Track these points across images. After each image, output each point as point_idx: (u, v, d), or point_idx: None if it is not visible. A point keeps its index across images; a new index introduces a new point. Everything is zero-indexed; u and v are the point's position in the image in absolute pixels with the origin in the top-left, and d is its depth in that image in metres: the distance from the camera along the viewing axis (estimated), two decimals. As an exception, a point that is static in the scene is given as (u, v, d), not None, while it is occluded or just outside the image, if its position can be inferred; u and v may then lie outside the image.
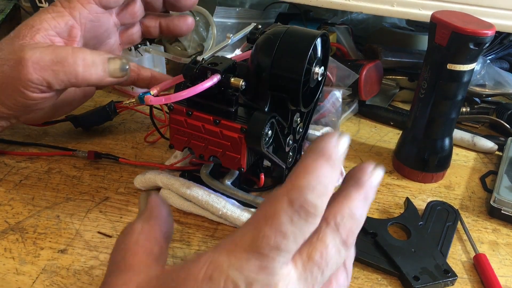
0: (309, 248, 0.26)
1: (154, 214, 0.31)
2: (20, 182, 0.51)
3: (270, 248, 0.24)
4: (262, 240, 0.24)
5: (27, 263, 0.41)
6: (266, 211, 0.25)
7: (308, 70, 0.42)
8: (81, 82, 0.43)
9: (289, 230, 0.24)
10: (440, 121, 0.54)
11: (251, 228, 0.25)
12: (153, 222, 0.30)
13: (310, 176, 0.25)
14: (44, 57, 0.41)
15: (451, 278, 0.42)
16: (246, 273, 0.24)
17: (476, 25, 0.48)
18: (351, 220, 0.27)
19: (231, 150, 0.42)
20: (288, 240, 0.24)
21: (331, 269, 0.26)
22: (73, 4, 0.45)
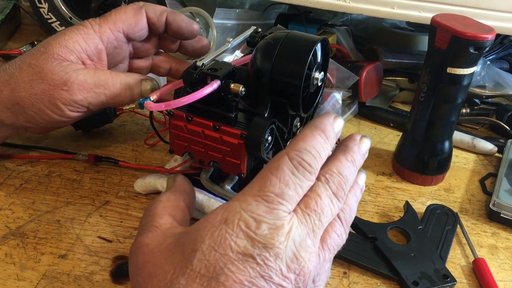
0: (306, 200, 0.31)
1: (180, 189, 0.37)
2: (21, 186, 0.51)
3: (276, 194, 0.29)
4: (269, 187, 0.29)
5: (28, 269, 0.41)
6: (270, 166, 0.30)
7: (308, 75, 0.42)
8: (119, 102, 0.47)
9: (290, 180, 0.30)
10: (440, 124, 0.54)
11: (259, 179, 0.30)
12: (178, 194, 0.37)
13: (306, 143, 0.32)
14: (88, 80, 0.45)
15: (450, 283, 0.42)
16: (256, 214, 0.29)
17: (476, 29, 0.48)
18: (339, 177, 0.32)
19: (231, 156, 0.42)
20: (289, 189, 0.30)
21: (326, 216, 0.31)
22: (103, 29, 0.48)
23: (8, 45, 0.87)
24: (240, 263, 0.28)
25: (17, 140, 0.58)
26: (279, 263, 0.28)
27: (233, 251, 0.28)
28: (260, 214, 0.29)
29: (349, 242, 0.45)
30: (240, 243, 0.28)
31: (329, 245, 0.32)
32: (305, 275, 0.29)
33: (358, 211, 0.51)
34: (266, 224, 0.28)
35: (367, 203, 0.53)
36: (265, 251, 0.28)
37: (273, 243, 0.28)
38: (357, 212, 0.51)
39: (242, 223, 0.28)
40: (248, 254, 0.28)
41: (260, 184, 0.30)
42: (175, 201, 0.36)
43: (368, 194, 0.54)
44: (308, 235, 0.30)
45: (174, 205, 0.35)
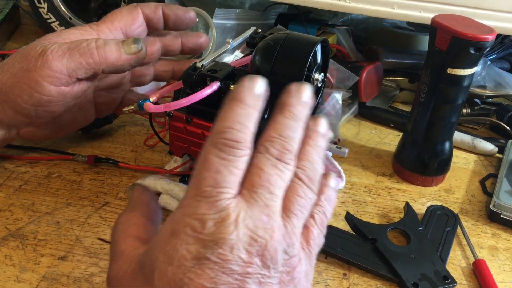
0: (248, 177, 0.29)
1: (137, 202, 0.35)
2: (20, 187, 0.51)
3: (212, 186, 0.28)
4: (203, 182, 0.28)
5: (28, 271, 0.41)
6: (199, 162, 0.29)
7: (308, 76, 0.42)
8: (100, 62, 0.44)
9: (220, 166, 0.28)
10: (440, 125, 0.54)
11: (193, 180, 0.29)
12: (136, 209, 0.34)
13: (225, 120, 0.29)
14: (62, 46, 0.43)
15: (451, 284, 0.42)
16: (199, 215, 0.27)
17: (477, 30, 0.48)
18: (280, 139, 0.30)
19: (230, 157, 0.42)
20: (222, 174, 0.28)
21: (276, 185, 0.29)
22: (101, 28, 0.48)
23: (8, 45, 0.87)
24: (197, 267, 0.27)
25: (16, 141, 0.57)
26: (236, 253, 0.27)
27: (187, 259, 0.27)
28: (202, 213, 0.27)
29: (349, 243, 0.45)
30: (192, 248, 0.27)
31: (294, 210, 0.30)
32: (271, 252, 0.27)
33: (358, 212, 0.51)
34: (211, 221, 0.27)
35: (367, 204, 0.53)
36: (217, 247, 0.27)
37: (223, 237, 0.27)
38: (357, 213, 0.51)
39: (188, 229, 0.27)
40: (202, 257, 0.27)
41: (195, 182, 0.28)
42: (133, 218, 0.34)
43: (368, 195, 0.54)
44: (262, 212, 0.28)
45: (133, 224, 0.33)
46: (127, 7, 0.50)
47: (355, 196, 0.54)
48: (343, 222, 0.49)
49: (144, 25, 0.51)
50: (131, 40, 0.45)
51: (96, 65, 0.44)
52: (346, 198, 0.53)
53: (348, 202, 0.53)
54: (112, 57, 0.44)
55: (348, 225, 0.49)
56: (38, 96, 0.43)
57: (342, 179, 0.54)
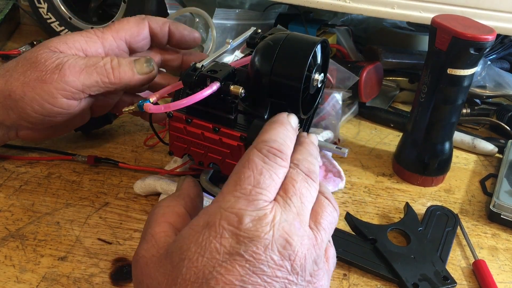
0: (284, 187, 0.31)
1: (183, 193, 0.36)
2: (20, 187, 0.51)
3: (253, 185, 0.29)
4: (244, 180, 0.30)
5: (28, 271, 0.41)
6: (242, 161, 0.31)
7: (307, 77, 0.42)
8: (115, 82, 0.46)
9: (264, 168, 0.30)
10: (440, 125, 0.54)
11: (233, 176, 0.30)
12: (180, 199, 0.35)
13: (270, 134, 0.33)
14: (79, 62, 0.44)
15: (450, 285, 0.42)
16: (236, 209, 0.28)
17: (477, 30, 0.48)
18: (307, 160, 0.34)
19: (230, 158, 0.42)
20: (264, 177, 0.30)
21: (306, 197, 0.31)
22: (106, 36, 0.48)
23: (8, 45, 0.87)
24: (228, 263, 0.27)
25: (16, 141, 0.57)
26: (269, 254, 0.27)
27: (220, 252, 0.27)
28: (240, 208, 0.28)
29: (349, 244, 0.45)
30: (225, 242, 0.27)
31: (323, 224, 0.32)
32: (301, 259, 0.28)
33: (358, 212, 0.51)
34: (248, 217, 0.28)
35: (367, 204, 0.53)
36: (251, 245, 0.27)
37: (258, 235, 0.28)
38: (357, 213, 0.51)
39: (224, 222, 0.28)
40: (235, 253, 0.27)
41: (235, 179, 0.30)
42: (175, 207, 0.34)
43: (368, 195, 0.54)
44: (295, 219, 0.30)
45: (173, 211, 0.34)
46: (135, 18, 0.51)
47: (355, 197, 0.54)
48: (343, 222, 0.49)
49: (148, 39, 0.51)
50: (143, 60, 0.47)
51: (111, 84, 0.46)
52: (346, 199, 0.53)
53: (348, 203, 0.53)
54: (126, 77, 0.46)
55: (348, 226, 0.49)
56: (49, 107, 0.44)
57: (342, 179, 0.54)
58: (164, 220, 0.33)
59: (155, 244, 0.31)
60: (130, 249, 0.44)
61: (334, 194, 0.54)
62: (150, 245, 0.31)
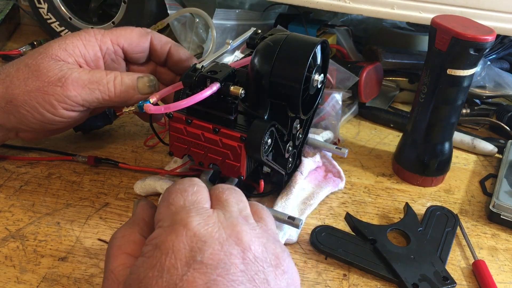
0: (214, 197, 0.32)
1: (137, 219, 0.34)
2: (21, 187, 0.51)
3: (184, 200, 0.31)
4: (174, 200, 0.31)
5: (28, 272, 0.41)
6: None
7: (307, 77, 0.42)
8: (114, 99, 0.46)
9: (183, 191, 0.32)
10: (440, 126, 0.54)
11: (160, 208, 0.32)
12: (134, 226, 0.33)
13: None
14: (82, 77, 0.45)
15: (450, 285, 0.42)
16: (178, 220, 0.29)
17: (476, 30, 0.48)
18: None
19: (230, 158, 0.42)
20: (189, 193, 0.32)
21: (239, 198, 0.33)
22: (105, 39, 0.49)
23: (8, 46, 0.87)
24: (189, 275, 0.26)
25: (16, 142, 0.58)
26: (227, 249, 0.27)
27: (177, 267, 0.26)
28: (182, 218, 0.28)
29: (348, 244, 0.45)
30: (180, 255, 0.27)
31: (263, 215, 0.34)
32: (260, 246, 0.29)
33: (358, 212, 0.51)
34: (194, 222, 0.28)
35: (367, 205, 0.53)
36: (206, 248, 0.27)
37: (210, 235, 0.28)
38: (357, 213, 0.51)
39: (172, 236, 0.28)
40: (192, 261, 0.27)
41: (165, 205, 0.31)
42: (130, 235, 0.33)
43: (368, 196, 0.54)
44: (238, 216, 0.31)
45: (129, 241, 0.32)
46: (139, 30, 0.51)
47: (355, 197, 0.54)
48: (343, 222, 0.50)
49: (146, 53, 0.51)
50: (146, 81, 0.47)
51: (111, 102, 0.46)
52: (346, 199, 0.53)
53: (348, 203, 0.53)
54: (127, 96, 0.47)
55: (348, 226, 0.49)
56: (50, 116, 0.45)
57: (342, 179, 0.54)
58: (121, 252, 0.31)
59: (115, 279, 0.30)
60: (130, 249, 0.44)
61: (334, 194, 0.54)
62: (110, 282, 0.30)
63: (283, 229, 0.45)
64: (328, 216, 0.51)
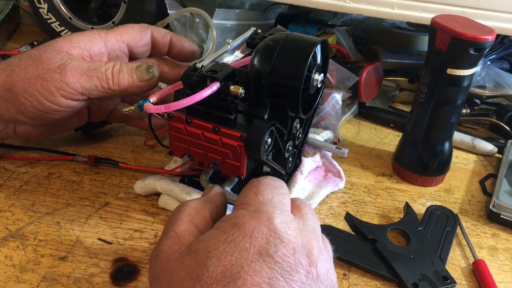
0: (295, 205, 0.34)
1: (210, 199, 0.36)
2: (21, 187, 0.51)
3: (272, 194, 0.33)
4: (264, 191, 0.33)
5: (28, 271, 0.41)
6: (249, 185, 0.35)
7: (307, 77, 0.42)
8: (113, 87, 0.46)
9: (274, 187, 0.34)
10: (440, 126, 0.54)
11: (250, 189, 0.34)
12: (207, 203, 0.36)
13: None
14: (82, 64, 0.45)
15: (450, 284, 0.42)
16: (264, 211, 0.30)
17: (476, 30, 0.48)
18: None
19: (230, 158, 0.42)
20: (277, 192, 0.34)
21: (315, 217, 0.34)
22: (109, 37, 0.50)
23: (8, 46, 0.87)
24: (257, 264, 0.27)
25: (16, 141, 0.58)
26: (298, 257, 0.28)
27: (249, 252, 0.28)
28: (268, 210, 0.30)
29: (348, 244, 0.45)
30: (255, 242, 0.28)
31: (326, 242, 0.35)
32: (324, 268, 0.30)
33: (358, 212, 0.52)
34: (277, 218, 0.29)
35: (367, 204, 0.53)
36: (281, 247, 0.28)
37: (288, 238, 0.29)
38: (357, 213, 0.51)
39: (254, 221, 0.29)
40: (264, 253, 0.28)
41: (254, 191, 0.33)
42: (201, 209, 0.35)
43: (368, 195, 0.54)
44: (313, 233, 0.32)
45: (199, 214, 0.34)
46: (139, 25, 0.52)
47: (355, 196, 0.54)
48: (343, 222, 0.50)
49: (149, 46, 0.53)
50: (144, 67, 0.47)
51: (110, 90, 0.46)
52: (346, 198, 0.53)
53: (348, 202, 0.53)
54: (125, 84, 0.46)
55: (348, 225, 0.49)
56: (48, 104, 0.45)
57: (342, 179, 0.54)
58: (190, 220, 0.33)
59: (178, 241, 0.31)
60: (131, 249, 0.44)
61: (334, 194, 0.54)
62: (172, 242, 0.31)
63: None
64: (328, 216, 0.51)
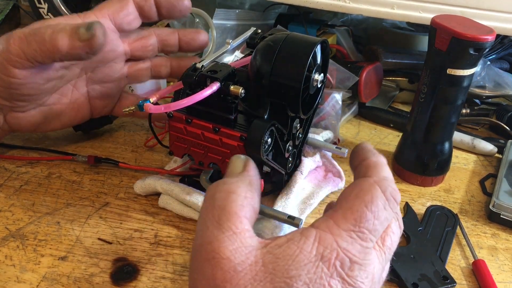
0: (383, 236, 0.30)
1: (255, 182, 0.32)
2: (21, 187, 0.51)
3: (369, 230, 0.29)
4: (364, 223, 0.29)
5: (28, 271, 0.41)
6: (364, 198, 0.30)
7: (307, 77, 0.42)
8: (52, 48, 0.43)
9: (383, 215, 0.29)
10: (439, 125, 0.54)
11: (353, 212, 0.29)
12: (255, 190, 0.32)
13: (387, 170, 0.33)
14: (24, 31, 0.43)
15: (450, 284, 0.42)
16: (351, 254, 0.28)
17: (476, 30, 0.48)
18: (398, 209, 0.33)
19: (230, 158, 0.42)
20: (381, 225, 0.29)
21: (393, 251, 0.32)
22: (88, 15, 0.48)
23: (8, 46, 0.87)
24: None
25: (16, 141, 0.58)
26: None
27: None
28: (354, 255, 0.28)
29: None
30: (333, 284, 0.27)
31: None
32: None
33: (358, 212, 0.51)
34: (358, 265, 0.28)
35: (367, 204, 0.53)
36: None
37: (361, 287, 0.28)
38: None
39: (338, 262, 0.27)
40: None
41: (356, 218, 0.29)
42: (252, 200, 0.30)
43: (368, 195, 0.54)
44: (381, 274, 0.30)
45: (251, 205, 0.30)
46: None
47: (355, 196, 0.54)
48: (343, 222, 0.49)
49: (135, 14, 0.50)
50: (84, 25, 0.43)
51: (50, 53, 0.43)
52: (346, 198, 0.53)
53: (348, 202, 0.53)
54: (65, 45, 0.43)
55: (348, 225, 0.49)
56: (6, 78, 0.44)
57: (342, 179, 0.54)
58: (244, 215, 0.29)
59: (241, 245, 0.28)
60: (131, 248, 0.44)
61: (334, 194, 0.54)
62: (236, 246, 0.28)
63: (283, 229, 0.45)
64: (328, 216, 0.51)
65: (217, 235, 0.28)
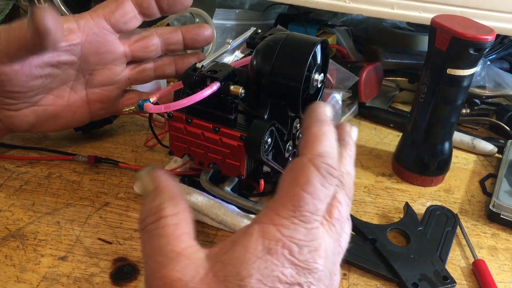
0: (329, 209, 0.30)
1: (175, 193, 0.31)
2: (21, 187, 0.51)
3: (311, 212, 0.28)
4: (304, 206, 0.28)
5: (28, 271, 0.41)
6: (299, 180, 0.28)
7: (307, 77, 0.42)
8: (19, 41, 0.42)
9: (322, 193, 0.28)
10: (439, 125, 0.54)
11: (290, 197, 0.28)
12: (179, 201, 0.30)
13: (324, 143, 0.30)
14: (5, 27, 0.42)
15: (450, 284, 0.42)
16: (297, 240, 0.27)
17: (476, 30, 0.48)
18: (349, 176, 0.32)
19: (230, 158, 0.42)
20: (322, 203, 0.29)
21: (344, 221, 0.31)
22: (82, 16, 0.47)
23: (8, 46, 0.87)
24: None
25: (16, 141, 0.58)
26: (320, 286, 0.28)
27: (281, 281, 0.26)
28: (300, 239, 0.27)
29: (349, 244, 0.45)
30: (287, 272, 0.27)
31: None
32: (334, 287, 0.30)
33: (358, 212, 0.52)
34: (307, 248, 0.28)
35: (366, 204, 0.53)
36: (310, 276, 0.27)
37: (316, 267, 0.28)
38: (357, 213, 0.51)
39: (286, 251, 0.27)
40: (295, 283, 0.27)
41: (294, 203, 0.28)
42: (182, 212, 0.30)
43: (368, 195, 0.54)
44: (335, 247, 0.30)
45: (183, 218, 0.30)
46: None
47: (355, 196, 0.54)
48: (343, 222, 0.49)
49: (134, 12, 0.48)
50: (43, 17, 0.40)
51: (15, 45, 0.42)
52: (346, 198, 0.53)
53: (348, 202, 0.53)
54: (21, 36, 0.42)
55: (348, 225, 0.49)
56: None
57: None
58: (181, 233, 0.29)
59: (188, 262, 0.27)
60: (131, 248, 0.44)
61: (334, 194, 0.54)
62: (182, 265, 0.27)
63: None
64: (328, 216, 0.51)
65: (162, 261, 0.28)
